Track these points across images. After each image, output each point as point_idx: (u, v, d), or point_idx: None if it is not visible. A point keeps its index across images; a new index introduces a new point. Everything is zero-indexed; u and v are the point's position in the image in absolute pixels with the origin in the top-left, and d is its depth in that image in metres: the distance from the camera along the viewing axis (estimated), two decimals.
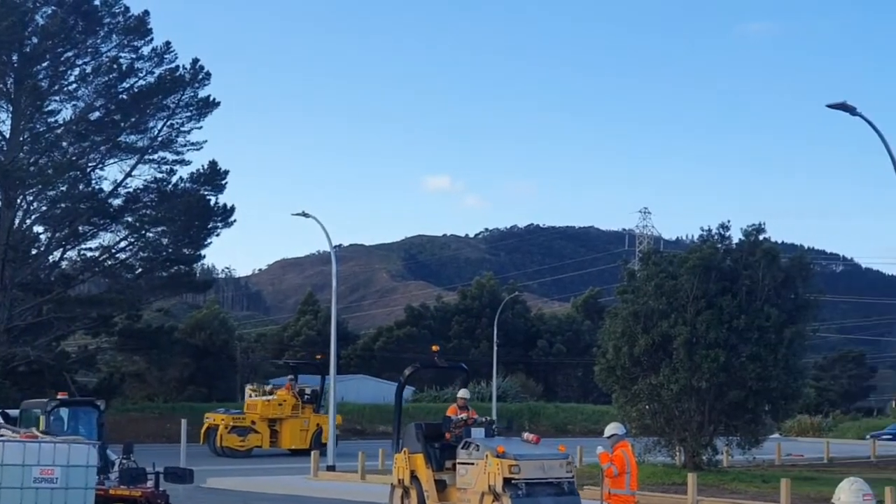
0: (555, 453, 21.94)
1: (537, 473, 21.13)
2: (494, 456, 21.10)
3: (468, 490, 21.85)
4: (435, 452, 23.45)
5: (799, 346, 38.00)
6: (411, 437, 23.89)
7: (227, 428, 47.17)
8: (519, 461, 21.04)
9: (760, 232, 38.05)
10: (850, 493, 7.36)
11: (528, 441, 22.32)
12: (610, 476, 17.51)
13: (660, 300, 36.64)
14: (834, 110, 24.56)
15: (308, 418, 48.55)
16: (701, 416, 36.95)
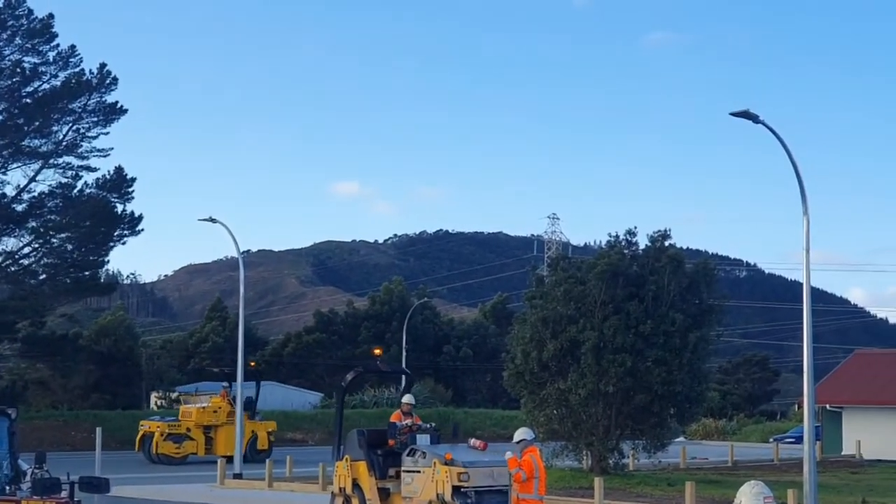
0: (503, 460, 21.16)
1: (486, 481, 20.83)
2: (442, 463, 20.74)
3: (414, 498, 21.44)
4: (378, 460, 22.94)
5: (703, 351, 38.54)
6: (353, 444, 23.30)
7: (163, 435, 47.24)
8: (468, 469, 20.78)
9: (666, 238, 38.54)
10: (750, 497, 7.47)
11: (475, 447, 22.02)
12: (518, 481, 17.64)
13: (568, 306, 36.92)
14: (737, 118, 24.92)
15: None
16: (608, 421, 37.30)
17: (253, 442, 47.82)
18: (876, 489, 33.45)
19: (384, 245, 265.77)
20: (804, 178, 25.14)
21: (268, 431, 49.26)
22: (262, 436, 48.68)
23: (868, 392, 52.51)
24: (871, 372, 54.49)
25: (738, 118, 24.92)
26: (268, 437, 48.97)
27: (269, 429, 49.53)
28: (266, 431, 49.13)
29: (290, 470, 37.26)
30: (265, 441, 48.53)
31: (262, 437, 48.65)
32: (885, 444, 49.99)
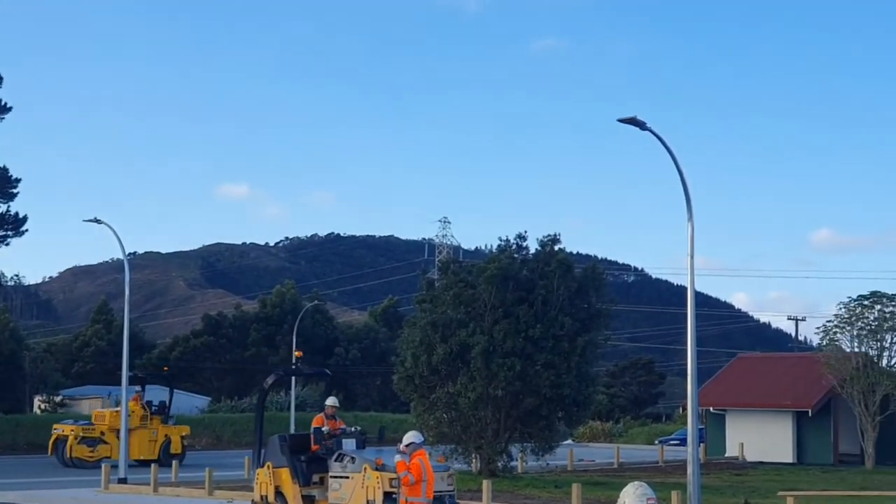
0: (436, 465, 20.62)
1: None
2: (373, 469, 20.07)
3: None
4: (302, 466, 22.08)
5: (591, 354, 39.01)
6: (275, 450, 22.38)
7: (77, 439, 47.40)
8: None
9: (556, 242, 38.88)
10: (633, 498, 7.56)
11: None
12: (406, 484, 17.63)
13: (458, 309, 37.06)
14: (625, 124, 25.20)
15: (156, 429, 48.80)
16: (497, 424, 37.50)
17: (166, 446, 48.33)
18: (758, 490, 34.09)
19: (275, 248, 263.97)
20: (689, 185, 25.54)
21: (181, 436, 49.56)
22: (176, 440, 48.94)
23: (750, 395, 53.56)
24: (754, 375, 55.58)
25: (626, 124, 25.21)
26: (181, 441, 49.24)
27: (182, 433, 49.84)
28: (180, 436, 49.42)
29: (175, 475, 36.76)
30: (178, 445, 48.78)
31: (176, 440, 48.90)
32: (767, 446, 51.02)
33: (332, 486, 21.03)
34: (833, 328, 50.05)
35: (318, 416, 22.88)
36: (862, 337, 49.11)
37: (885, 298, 49.41)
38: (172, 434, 48.89)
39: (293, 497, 21.76)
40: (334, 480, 21.03)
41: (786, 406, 51.35)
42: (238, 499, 30.54)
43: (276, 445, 22.38)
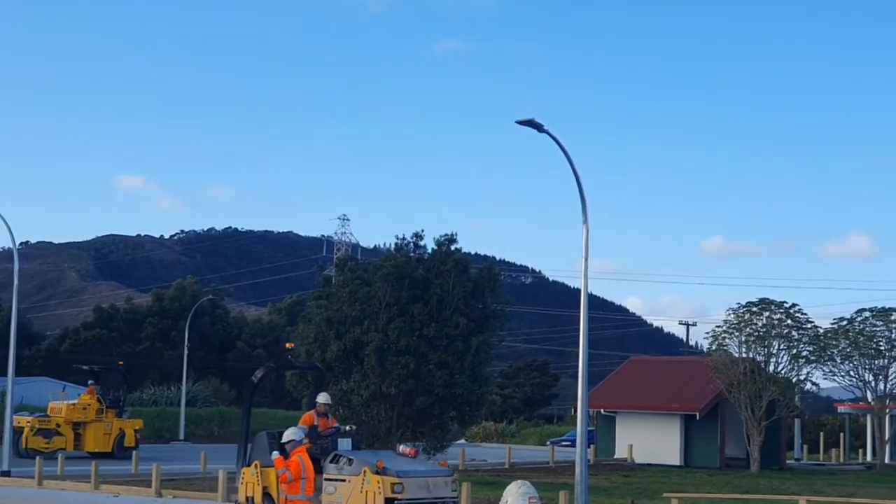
0: (439, 470, 20.04)
1: (421, 493, 19.04)
2: (374, 472, 18.82)
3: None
4: None
5: (485, 355, 39.19)
6: (263, 449, 20.86)
7: (33, 430, 48.16)
8: (402, 479, 18.90)
9: (452, 242, 38.97)
10: (516, 496, 7.62)
11: (405, 455, 20.37)
12: (284, 482, 17.52)
13: (353, 306, 37.00)
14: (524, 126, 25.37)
15: (111, 422, 49.68)
16: (389, 422, 37.49)
17: (120, 439, 49.47)
18: (645, 491, 34.55)
19: (170, 241, 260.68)
20: (585, 188, 25.81)
21: (135, 429, 50.60)
22: (130, 433, 49.99)
23: (640, 397, 54.28)
24: (645, 378, 56.34)
25: (525, 127, 25.39)
26: (135, 434, 50.29)
27: (136, 426, 50.90)
28: (133, 429, 50.46)
29: (61, 468, 36.12)
30: (132, 438, 49.82)
31: (130, 434, 49.96)
32: (656, 448, 51.75)
33: (326, 488, 19.82)
34: (722, 333, 50.97)
35: (308, 414, 21.58)
36: (750, 343, 50.09)
37: (773, 305, 50.46)
38: (126, 427, 49.88)
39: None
40: (329, 483, 19.80)
41: (674, 409, 52.12)
42: (124, 493, 30.14)
43: (265, 443, 20.95)
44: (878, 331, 51.20)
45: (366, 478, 18.83)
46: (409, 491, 18.79)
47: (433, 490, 19.19)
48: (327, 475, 19.81)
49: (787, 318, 50.40)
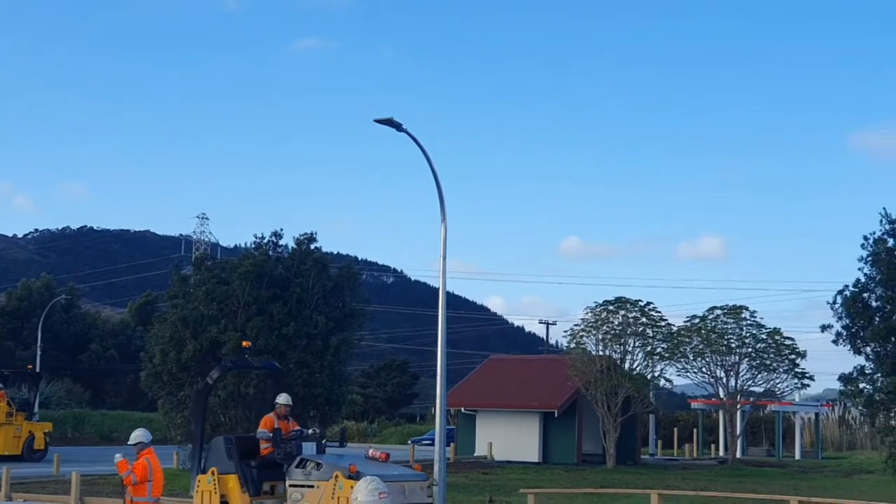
0: (414, 474, 19.05)
1: (398, 499, 17.66)
2: (346, 477, 17.57)
3: None
4: (252, 472, 19.30)
5: (345, 354, 39.13)
6: (220, 454, 19.42)
7: None
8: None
9: (312, 241, 38.81)
10: (366, 493, 7.63)
11: (376, 459, 19.11)
12: (129, 484, 17.23)
13: (210, 306, 36.58)
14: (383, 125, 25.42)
15: (21, 425, 49.29)
16: (248, 423, 37.06)
17: (30, 442, 49.33)
18: (503, 488, 34.88)
19: (24, 240, 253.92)
20: (444, 188, 25.98)
21: (44, 432, 50.55)
22: (39, 436, 49.87)
23: (500, 396, 54.78)
24: (505, 376, 56.88)
25: (384, 126, 25.45)
26: (44, 437, 50.17)
27: (45, 429, 50.85)
28: (43, 432, 50.37)
29: None
30: (42, 441, 49.66)
31: (39, 437, 49.82)
32: (515, 445, 52.30)
33: (291, 496, 18.50)
34: (580, 332, 51.79)
35: (268, 417, 20.10)
36: (607, 341, 50.98)
37: (629, 304, 51.44)
38: (36, 430, 49.88)
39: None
40: (295, 490, 18.50)
41: (533, 407, 52.74)
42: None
43: (222, 449, 19.52)
44: (728, 328, 52.53)
45: (338, 483, 17.58)
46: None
47: (409, 495, 18.16)
48: (292, 481, 18.62)
49: (643, 316, 51.46)
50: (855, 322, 25.83)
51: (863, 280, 26.01)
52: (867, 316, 25.62)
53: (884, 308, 25.78)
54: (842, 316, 26.06)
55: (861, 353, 26.22)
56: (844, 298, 25.89)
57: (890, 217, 26.09)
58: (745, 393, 54.54)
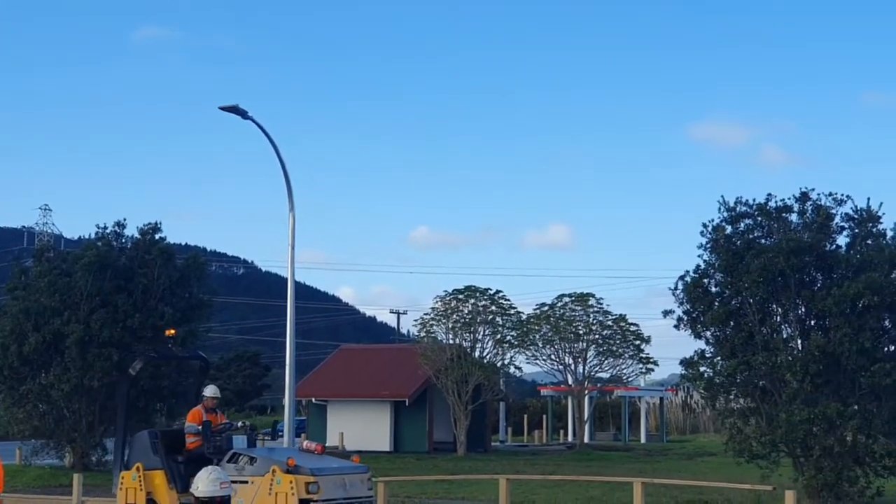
0: (354, 467, 18.09)
1: (338, 493, 17.00)
2: (284, 471, 16.72)
3: None
4: (179, 468, 18.25)
5: (192, 345, 38.60)
6: (145, 449, 18.45)
7: None
8: (317, 477, 16.76)
9: (157, 231, 38.29)
10: (206, 482, 7.57)
11: (311, 451, 18.05)
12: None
13: (53, 297, 35.83)
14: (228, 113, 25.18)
15: None
16: (92, 416, 36.47)
17: None
18: None
19: None
20: (292, 176, 25.85)
21: None
22: None
23: (351, 385, 54.71)
24: (355, 366, 56.81)
25: (229, 113, 25.20)
26: None
27: None
28: None
29: None
30: None
31: None
32: (366, 435, 52.23)
33: None
34: (430, 321, 52.03)
35: (195, 410, 19.01)
36: (457, 329, 51.32)
37: (479, 292, 51.88)
38: None
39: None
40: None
41: (384, 396, 52.79)
42: None
43: (147, 443, 18.56)
44: (576, 316, 53.40)
45: (275, 477, 16.73)
46: (325, 491, 16.74)
47: (350, 489, 17.29)
48: None
49: (492, 304, 51.94)
50: (695, 307, 26.43)
51: (702, 266, 26.63)
52: (707, 301, 26.24)
53: (723, 293, 26.43)
54: (683, 301, 26.63)
55: (701, 338, 26.83)
56: (685, 284, 26.49)
57: (728, 205, 26.77)
58: (593, 379, 55.56)
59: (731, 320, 26.06)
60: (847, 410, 24.17)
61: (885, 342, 25.68)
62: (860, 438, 24.56)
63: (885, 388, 24.25)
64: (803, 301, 25.55)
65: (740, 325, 25.95)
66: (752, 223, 26.83)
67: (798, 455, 25.54)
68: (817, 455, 24.88)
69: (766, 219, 26.71)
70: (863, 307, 24.67)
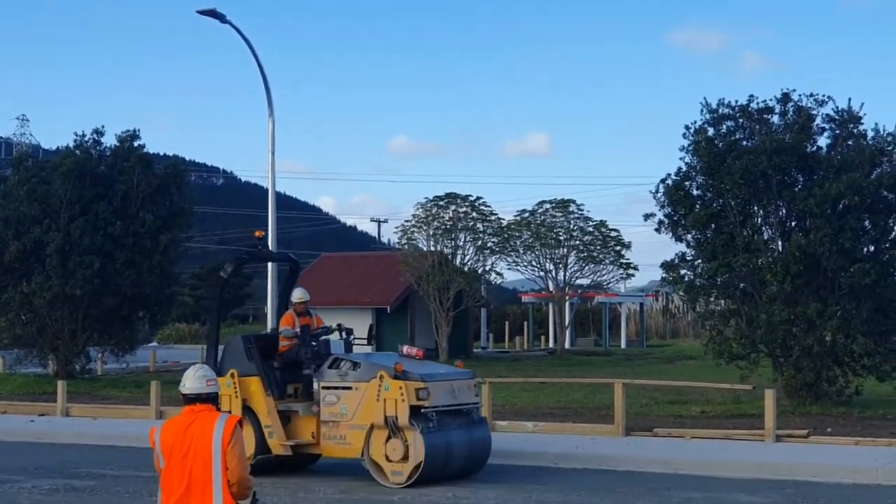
0: (461, 372, 17.32)
1: (447, 399, 16.40)
2: (393, 377, 16.00)
3: (343, 423, 16.51)
4: (275, 374, 17.69)
5: (174, 253, 38.82)
6: (239, 355, 17.77)
7: None
8: (427, 383, 16.06)
9: (135, 138, 37.99)
10: (193, 380, 7.59)
11: (411, 356, 17.25)
12: None
13: (32, 206, 35.68)
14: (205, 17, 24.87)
15: None
16: (74, 325, 36.49)
17: None
18: None
19: None
20: (272, 88, 25.65)
21: None
22: None
23: (332, 293, 54.76)
24: (337, 274, 56.92)
25: (207, 17, 24.90)
26: None
27: None
28: None
29: None
30: None
31: None
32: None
33: (325, 398, 16.74)
34: (411, 228, 52.05)
35: (288, 315, 18.31)
36: (438, 236, 51.38)
37: (459, 199, 51.86)
38: None
39: (267, 413, 17.31)
40: (329, 392, 16.74)
41: (366, 303, 52.94)
42: None
43: (241, 349, 17.89)
44: (557, 222, 53.45)
45: (383, 383, 16.01)
46: (434, 397, 16.07)
47: (458, 395, 16.62)
48: (326, 382, 16.86)
49: (473, 210, 51.95)
50: (676, 210, 26.45)
51: (684, 169, 26.61)
52: (688, 204, 26.25)
53: (704, 196, 26.43)
54: (664, 204, 26.64)
55: (682, 241, 26.90)
56: (666, 187, 26.47)
57: (710, 107, 26.67)
58: (574, 286, 55.80)
59: (713, 223, 26.13)
60: (827, 311, 24.35)
61: (865, 242, 25.82)
62: (839, 338, 24.78)
63: (864, 288, 24.43)
64: (784, 202, 25.63)
65: (721, 228, 26.04)
66: (734, 125, 26.78)
67: (778, 355, 25.80)
68: (797, 355, 25.12)
69: (747, 120, 26.66)
70: (843, 208, 24.80)
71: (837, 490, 15.74)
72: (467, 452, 16.61)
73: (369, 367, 16.45)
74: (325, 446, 16.92)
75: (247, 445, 16.10)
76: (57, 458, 20.09)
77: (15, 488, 16.40)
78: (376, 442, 16.20)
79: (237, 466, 7.22)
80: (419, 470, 15.87)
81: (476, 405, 17.21)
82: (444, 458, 16.19)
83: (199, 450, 7.23)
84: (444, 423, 16.15)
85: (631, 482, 16.42)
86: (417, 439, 15.83)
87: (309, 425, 17.09)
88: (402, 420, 15.79)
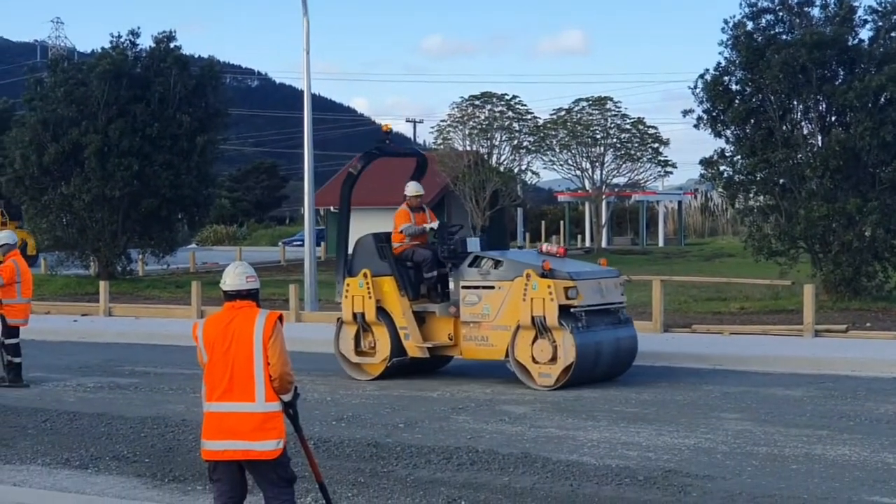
0: (608, 271, 16.48)
1: (596, 298, 15.55)
2: (540, 275, 15.07)
3: (485, 324, 15.66)
4: (409, 274, 16.71)
5: (211, 154, 38.86)
6: (371, 254, 16.79)
7: None
8: (576, 281, 15.18)
9: (171, 39, 37.84)
10: (233, 276, 7.61)
11: (553, 254, 16.41)
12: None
13: (70, 107, 35.74)
14: None
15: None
16: (114, 226, 36.76)
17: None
18: None
19: None
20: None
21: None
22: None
23: (368, 193, 54.48)
24: (372, 174, 56.36)
25: None
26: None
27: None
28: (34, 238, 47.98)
29: None
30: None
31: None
32: None
33: (466, 298, 15.81)
34: (447, 128, 51.84)
35: (402, 211, 17.08)
36: (473, 136, 51.17)
37: (495, 98, 51.52)
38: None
39: (402, 314, 16.39)
40: (470, 291, 15.77)
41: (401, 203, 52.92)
42: None
43: (373, 248, 16.83)
44: (593, 120, 53.10)
45: (530, 282, 15.08)
46: (584, 296, 15.20)
47: (606, 294, 15.81)
48: (466, 282, 15.87)
49: (509, 110, 51.66)
50: (715, 105, 26.11)
51: (723, 64, 26.23)
52: (727, 99, 25.91)
53: (743, 91, 26.07)
54: (703, 100, 26.29)
55: (721, 137, 26.61)
56: (705, 83, 26.12)
57: (749, 1, 26.26)
58: (610, 185, 55.59)
59: (752, 118, 25.83)
60: (867, 206, 24.14)
61: None
62: (879, 233, 24.57)
63: None
64: (824, 96, 25.27)
65: (760, 123, 25.75)
66: (774, 18, 26.33)
67: (817, 251, 25.67)
68: (836, 251, 25.00)
69: (787, 13, 26.20)
70: (885, 101, 24.42)
71: (876, 384, 15.75)
72: (613, 354, 15.86)
73: (513, 266, 15.60)
74: (466, 348, 16.04)
75: (382, 348, 16.63)
76: (101, 357, 20.36)
77: (60, 386, 16.66)
78: (522, 343, 15.32)
79: (278, 361, 7.28)
80: (569, 372, 15.05)
81: (622, 304, 16.25)
82: (594, 360, 15.42)
83: (241, 345, 7.30)
84: (593, 322, 15.36)
85: (669, 377, 16.48)
86: (567, 340, 14.95)
87: (446, 326, 16.21)
88: (550, 320, 14.94)
